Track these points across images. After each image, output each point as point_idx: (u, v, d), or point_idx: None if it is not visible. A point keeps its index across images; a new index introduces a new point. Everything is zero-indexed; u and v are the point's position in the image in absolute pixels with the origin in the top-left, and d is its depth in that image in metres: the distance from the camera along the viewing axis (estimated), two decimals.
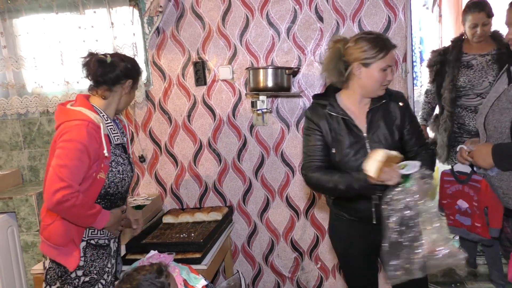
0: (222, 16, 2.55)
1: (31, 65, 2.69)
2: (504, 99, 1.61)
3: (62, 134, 1.64)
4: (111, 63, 1.74)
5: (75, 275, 1.72)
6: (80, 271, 1.73)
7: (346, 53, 1.67)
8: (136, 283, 1.40)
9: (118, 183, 1.76)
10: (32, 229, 2.42)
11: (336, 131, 1.71)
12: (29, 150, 2.84)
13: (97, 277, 1.76)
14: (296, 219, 2.67)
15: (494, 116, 1.63)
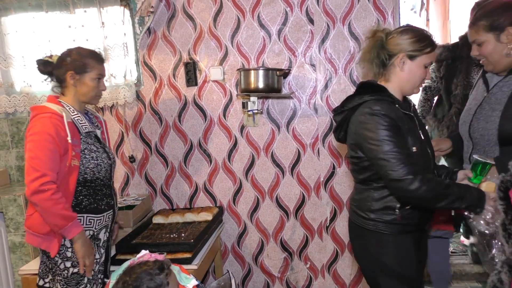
0: (213, 17, 2.57)
1: (20, 64, 2.66)
2: (487, 107, 1.65)
3: (29, 129, 1.72)
4: (57, 63, 1.83)
5: (64, 266, 1.77)
6: (69, 263, 1.78)
7: (389, 42, 1.54)
8: (135, 276, 1.41)
9: (94, 169, 1.81)
10: (20, 229, 2.39)
11: (412, 129, 1.53)
12: (17, 150, 2.81)
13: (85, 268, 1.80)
14: (286, 219, 2.69)
15: (479, 124, 1.65)
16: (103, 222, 1.88)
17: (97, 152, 1.84)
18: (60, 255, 1.78)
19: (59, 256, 1.78)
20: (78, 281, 1.79)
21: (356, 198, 1.65)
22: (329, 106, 2.55)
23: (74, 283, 1.79)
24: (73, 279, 1.79)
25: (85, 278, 1.80)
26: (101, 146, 1.90)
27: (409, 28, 1.56)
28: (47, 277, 1.84)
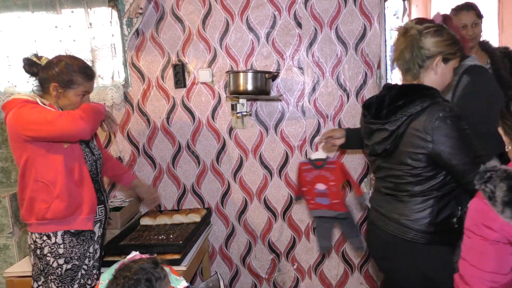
0: (202, 20, 2.58)
1: (5, 64, 2.61)
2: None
3: (8, 123, 1.71)
4: (44, 67, 1.78)
5: (57, 264, 1.77)
6: (61, 260, 1.77)
7: (425, 43, 1.47)
8: (134, 270, 1.42)
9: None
10: (5, 231, 2.35)
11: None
12: (1, 151, 2.76)
13: (79, 263, 1.81)
14: (274, 220, 2.71)
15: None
16: (97, 216, 1.88)
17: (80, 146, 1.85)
18: (52, 254, 1.77)
19: (51, 255, 1.77)
20: (72, 277, 1.79)
21: (406, 213, 1.52)
22: (316, 108, 2.59)
23: (69, 280, 1.78)
24: (67, 276, 1.78)
25: (79, 273, 1.80)
26: (84, 142, 1.88)
27: (442, 28, 1.49)
28: (40, 280, 1.82)
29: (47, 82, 1.77)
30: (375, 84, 2.54)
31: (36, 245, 1.80)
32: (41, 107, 1.71)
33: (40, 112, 1.68)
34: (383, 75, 2.56)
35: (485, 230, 1.12)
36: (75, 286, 1.80)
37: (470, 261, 1.17)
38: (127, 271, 1.44)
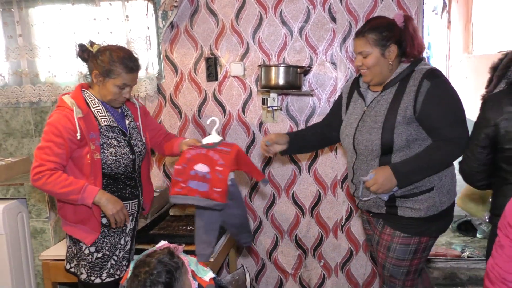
0: (236, 13, 2.58)
1: (45, 54, 2.72)
2: (368, 120, 1.75)
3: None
4: (93, 55, 1.79)
5: (88, 251, 1.82)
6: (93, 248, 1.82)
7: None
8: (153, 265, 1.44)
9: (112, 165, 1.80)
10: (42, 215, 2.45)
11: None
12: (39, 138, 2.85)
13: (109, 253, 1.85)
14: (301, 216, 2.70)
15: (363, 136, 1.74)
16: (130, 210, 1.90)
17: (118, 147, 1.82)
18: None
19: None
20: (102, 266, 1.84)
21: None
22: None
23: (98, 268, 1.83)
24: (97, 264, 1.83)
25: (109, 263, 1.85)
26: (125, 140, 1.86)
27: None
28: (73, 262, 1.90)
29: (91, 69, 1.80)
30: None
31: None
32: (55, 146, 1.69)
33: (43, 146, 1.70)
34: None
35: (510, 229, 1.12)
36: (103, 275, 1.84)
37: (495, 259, 1.17)
38: (146, 267, 1.46)
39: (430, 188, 1.70)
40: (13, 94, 2.79)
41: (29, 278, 2.54)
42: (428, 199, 1.70)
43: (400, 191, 1.70)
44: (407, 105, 1.66)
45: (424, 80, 1.64)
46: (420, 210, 1.70)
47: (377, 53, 1.71)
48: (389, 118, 1.68)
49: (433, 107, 1.63)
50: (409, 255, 1.76)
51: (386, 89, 1.74)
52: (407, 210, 1.72)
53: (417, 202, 1.70)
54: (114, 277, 1.86)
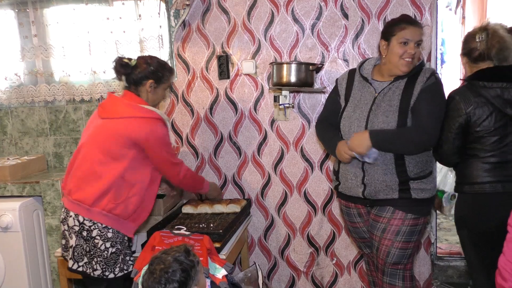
0: (247, 11, 2.58)
1: (60, 54, 2.76)
2: (383, 104, 1.90)
3: (146, 135, 1.89)
4: (134, 66, 1.96)
5: (104, 247, 1.89)
6: (108, 243, 1.89)
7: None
8: (168, 263, 1.45)
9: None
10: (57, 213, 2.49)
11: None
12: (54, 137, 2.91)
13: (121, 248, 1.93)
14: (313, 214, 2.69)
15: (378, 118, 1.89)
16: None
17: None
18: (102, 237, 1.88)
19: (100, 238, 1.88)
20: (115, 260, 1.91)
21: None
22: None
23: (113, 262, 1.90)
24: (111, 259, 1.90)
25: (120, 257, 1.92)
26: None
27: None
28: (82, 260, 1.91)
29: (144, 79, 1.95)
30: None
31: (83, 227, 1.89)
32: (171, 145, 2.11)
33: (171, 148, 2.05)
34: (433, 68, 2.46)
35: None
36: (116, 269, 1.91)
37: (507, 255, 1.17)
38: (162, 264, 1.47)
39: (431, 171, 1.95)
40: (29, 93, 2.84)
41: (45, 274, 2.58)
42: (432, 181, 1.96)
43: (413, 173, 1.88)
44: (415, 95, 1.87)
45: (432, 76, 1.89)
46: (428, 191, 1.92)
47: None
48: (404, 102, 1.87)
49: (427, 97, 1.85)
50: (415, 235, 1.93)
51: (397, 80, 1.92)
52: (419, 192, 1.89)
53: (425, 183, 1.91)
54: (123, 272, 1.94)
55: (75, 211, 1.91)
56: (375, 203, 1.96)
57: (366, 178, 1.92)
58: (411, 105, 1.85)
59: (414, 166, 1.88)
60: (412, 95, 1.86)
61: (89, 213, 1.88)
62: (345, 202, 2.09)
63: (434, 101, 1.86)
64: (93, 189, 1.88)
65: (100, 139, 1.91)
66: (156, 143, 1.91)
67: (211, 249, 2.00)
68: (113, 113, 1.92)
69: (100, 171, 1.88)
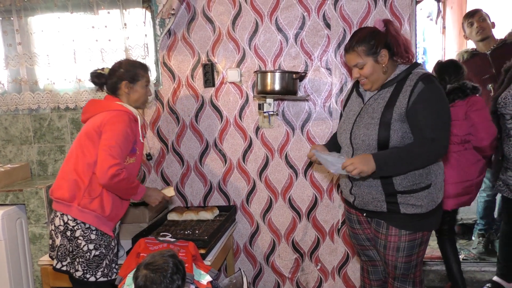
0: (232, 20, 2.63)
1: (44, 62, 2.76)
2: (366, 116, 1.83)
3: (106, 121, 1.91)
4: (108, 74, 2.05)
5: (87, 248, 1.90)
6: (92, 245, 1.90)
7: None
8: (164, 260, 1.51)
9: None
10: (41, 221, 2.47)
11: None
12: (38, 145, 2.90)
13: (105, 252, 1.94)
14: (298, 220, 2.73)
15: (360, 130, 1.83)
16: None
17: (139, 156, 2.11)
18: (84, 238, 1.89)
19: (83, 238, 1.89)
20: (98, 264, 1.91)
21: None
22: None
23: (95, 265, 1.90)
24: (94, 262, 1.90)
25: (104, 262, 1.92)
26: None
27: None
28: (65, 260, 1.95)
29: (118, 83, 2.03)
30: None
31: (67, 227, 1.92)
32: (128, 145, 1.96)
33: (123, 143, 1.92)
34: None
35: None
36: (98, 273, 1.92)
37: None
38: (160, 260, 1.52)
39: (428, 185, 1.80)
40: (12, 101, 2.82)
41: (28, 283, 2.55)
42: (428, 195, 1.80)
43: (401, 186, 1.77)
44: (402, 103, 1.74)
45: (419, 82, 1.74)
46: (422, 206, 1.79)
47: (371, 62, 1.80)
48: (386, 114, 1.76)
49: (421, 107, 1.72)
50: (416, 249, 1.86)
51: (384, 89, 1.83)
52: (409, 207, 1.79)
53: (418, 198, 1.78)
54: (107, 278, 1.95)
55: (58, 209, 1.96)
56: (369, 214, 1.90)
57: (353, 188, 1.89)
58: (394, 117, 1.75)
59: (403, 179, 1.77)
60: (395, 106, 1.76)
61: (69, 209, 1.92)
62: (347, 207, 2.05)
63: (427, 109, 1.72)
64: (69, 185, 1.93)
65: (80, 139, 1.98)
66: (110, 127, 1.91)
67: (196, 255, 2.01)
68: (90, 112, 2.01)
69: (76, 168, 1.94)
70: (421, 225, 1.82)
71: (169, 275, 1.50)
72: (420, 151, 1.71)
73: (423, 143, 1.71)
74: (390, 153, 1.73)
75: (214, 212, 2.58)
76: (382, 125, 1.76)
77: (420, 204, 1.78)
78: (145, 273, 1.51)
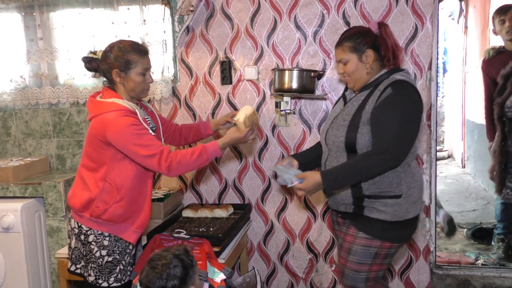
0: (250, 18, 2.61)
1: (65, 57, 2.79)
2: (340, 118, 1.85)
3: (105, 129, 1.72)
4: (101, 59, 1.82)
5: (100, 254, 1.82)
6: (104, 251, 1.82)
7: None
8: (169, 258, 1.48)
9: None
10: (58, 214, 2.50)
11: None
12: (57, 139, 2.94)
13: (119, 258, 1.85)
14: (313, 220, 2.70)
15: (333, 132, 1.86)
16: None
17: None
18: (97, 243, 1.81)
19: (96, 244, 1.81)
20: (111, 269, 1.83)
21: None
22: None
23: (107, 271, 1.82)
24: (106, 268, 1.82)
25: (118, 267, 1.84)
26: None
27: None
28: (79, 263, 1.89)
29: (109, 71, 1.80)
30: (424, 86, 2.47)
31: (81, 230, 1.85)
32: (146, 132, 1.75)
33: (141, 139, 1.72)
34: (433, 77, 2.48)
35: None
36: (111, 279, 1.83)
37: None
38: (164, 260, 1.49)
39: (398, 195, 1.74)
40: (33, 95, 2.87)
41: (45, 275, 2.59)
42: (395, 205, 1.74)
43: (369, 191, 1.75)
44: (370, 107, 1.74)
45: (388, 88, 1.71)
46: (386, 213, 1.74)
47: (355, 59, 1.80)
48: (355, 118, 1.77)
49: (380, 113, 1.70)
50: (369, 258, 1.78)
51: (361, 92, 1.83)
52: (373, 211, 1.76)
53: (384, 204, 1.74)
54: (121, 283, 1.86)
55: (72, 215, 1.90)
56: (342, 215, 1.91)
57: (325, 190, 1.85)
58: (363, 120, 1.73)
59: (371, 185, 1.75)
60: (364, 110, 1.75)
61: (81, 219, 1.84)
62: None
63: (385, 116, 1.68)
64: (80, 195, 1.83)
65: (85, 143, 1.87)
66: (119, 136, 1.71)
67: (210, 253, 2.01)
68: (90, 113, 1.83)
69: (86, 177, 1.83)
70: (381, 233, 1.76)
71: (165, 275, 1.46)
72: (366, 165, 1.68)
73: (371, 154, 1.69)
74: (339, 170, 1.72)
75: (228, 210, 2.58)
76: (351, 128, 1.76)
77: (384, 210, 1.74)
78: (146, 270, 1.50)
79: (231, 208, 2.61)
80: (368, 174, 1.72)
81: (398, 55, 1.81)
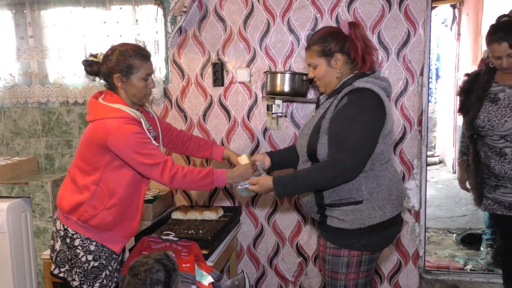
0: (244, 20, 2.61)
1: (55, 56, 2.76)
2: (306, 126, 1.81)
3: (107, 135, 1.67)
4: (102, 62, 1.76)
5: (85, 259, 1.77)
6: (91, 256, 1.77)
7: None
8: (151, 263, 1.46)
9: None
10: (45, 215, 2.47)
11: None
12: (46, 138, 2.91)
13: (106, 263, 1.80)
14: (303, 224, 2.69)
15: (299, 140, 1.85)
16: None
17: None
18: (83, 248, 1.76)
19: (82, 248, 1.76)
20: (96, 275, 1.78)
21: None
22: None
23: (93, 276, 1.77)
24: (92, 273, 1.77)
25: (103, 273, 1.79)
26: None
27: None
28: (64, 267, 1.84)
29: (110, 76, 1.74)
30: (416, 92, 2.47)
31: (67, 233, 1.79)
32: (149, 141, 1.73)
33: (146, 148, 1.69)
34: (425, 83, 2.48)
35: None
36: (96, 285, 1.78)
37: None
38: (146, 265, 1.47)
39: (358, 201, 1.66)
40: (22, 94, 2.84)
41: (31, 277, 2.56)
42: (354, 212, 1.66)
43: (329, 199, 1.69)
44: (328, 117, 1.67)
45: (346, 96, 1.64)
46: (346, 222, 1.67)
47: (324, 64, 1.71)
48: (316, 127, 1.71)
49: (337, 124, 1.63)
50: (343, 268, 1.71)
51: (329, 98, 1.77)
52: (334, 220, 1.70)
53: (343, 212, 1.67)
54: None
55: (59, 216, 1.84)
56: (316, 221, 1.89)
57: (298, 195, 1.87)
58: (322, 130, 1.67)
59: (331, 193, 1.68)
60: (324, 119, 1.69)
61: (67, 221, 1.79)
62: None
63: (338, 125, 1.63)
64: (70, 197, 1.78)
65: (80, 144, 1.80)
66: (122, 144, 1.66)
67: (199, 255, 1.99)
68: (91, 115, 1.77)
69: (78, 179, 1.78)
70: (346, 242, 1.68)
71: (149, 280, 1.43)
72: (318, 176, 1.63)
73: (323, 166, 1.64)
74: (290, 179, 1.70)
75: (218, 213, 2.56)
76: (312, 137, 1.71)
77: (343, 219, 1.66)
78: (128, 278, 1.48)
79: (221, 211, 2.59)
80: (321, 185, 1.67)
81: (367, 58, 1.68)
